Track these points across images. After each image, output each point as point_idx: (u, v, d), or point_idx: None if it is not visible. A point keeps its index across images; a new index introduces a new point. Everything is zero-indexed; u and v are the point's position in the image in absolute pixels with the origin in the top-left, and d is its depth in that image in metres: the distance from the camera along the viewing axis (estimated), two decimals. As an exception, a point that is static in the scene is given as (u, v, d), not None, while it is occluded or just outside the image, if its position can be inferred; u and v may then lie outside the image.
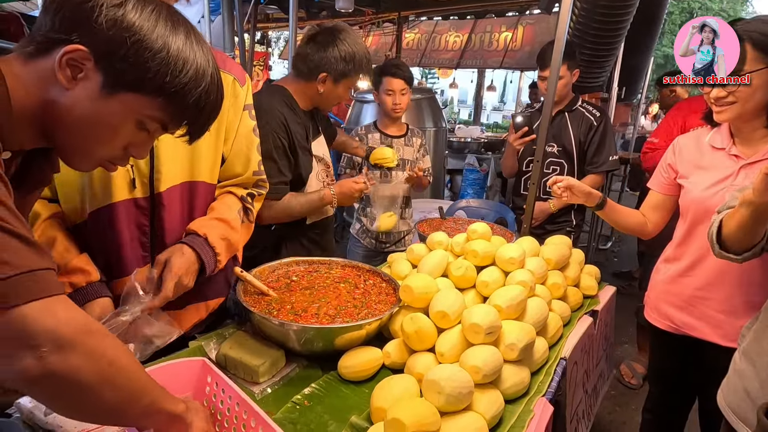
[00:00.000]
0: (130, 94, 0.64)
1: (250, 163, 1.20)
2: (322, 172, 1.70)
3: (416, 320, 1.07)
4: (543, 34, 6.67)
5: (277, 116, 1.50)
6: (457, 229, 2.02)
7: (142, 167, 1.01)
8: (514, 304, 1.13)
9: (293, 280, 1.31)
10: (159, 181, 1.03)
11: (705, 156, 1.38)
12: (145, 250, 1.06)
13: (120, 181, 0.99)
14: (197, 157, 1.08)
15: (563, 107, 2.29)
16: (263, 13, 6.48)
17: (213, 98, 0.71)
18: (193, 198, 1.10)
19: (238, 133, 1.15)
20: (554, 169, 2.31)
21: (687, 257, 1.41)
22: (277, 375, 1.04)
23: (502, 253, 1.34)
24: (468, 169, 5.30)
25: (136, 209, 1.03)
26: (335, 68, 1.51)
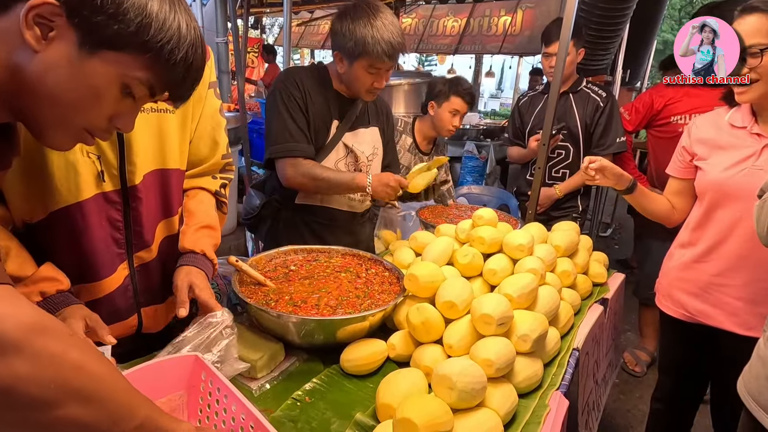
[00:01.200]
0: (112, 52, 0.57)
1: (218, 147, 1.10)
2: (347, 164, 1.59)
3: (423, 311, 1.01)
4: (543, 17, 6.52)
5: (294, 81, 1.45)
6: (460, 216, 1.96)
7: (110, 158, 0.89)
8: (526, 293, 1.08)
9: (291, 269, 1.25)
10: (133, 173, 0.92)
11: (724, 135, 1.31)
12: (120, 247, 0.95)
13: (86, 175, 0.87)
14: (168, 143, 0.98)
15: (567, 88, 2.20)
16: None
17: (200, 53, 0.64)
18: (167, 186, 1.01)
19: (203, 113, 1.05)
20: (559, 153, 2.24)
21: (704, 242, 1.35)
22: (276, 369, 0.98)
23: (509, 239, 1.28)
24: (467, 157, 5.23)
25: (107, 204, 0.91)
26: (344, 47, 1.39)
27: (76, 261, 0.91)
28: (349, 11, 1.39)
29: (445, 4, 7.42)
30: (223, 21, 5.04)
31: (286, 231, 1.61)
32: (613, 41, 3.09)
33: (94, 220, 0.91)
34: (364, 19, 1.34)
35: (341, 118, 1.54)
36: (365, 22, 1.34)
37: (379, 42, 1.33)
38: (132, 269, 0.99)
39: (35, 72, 0.56)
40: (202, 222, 1.06)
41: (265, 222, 1.68)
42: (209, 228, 1.07)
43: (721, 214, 1.30)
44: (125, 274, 0.98)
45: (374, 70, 1.40)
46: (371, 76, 1.41)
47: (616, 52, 3.29)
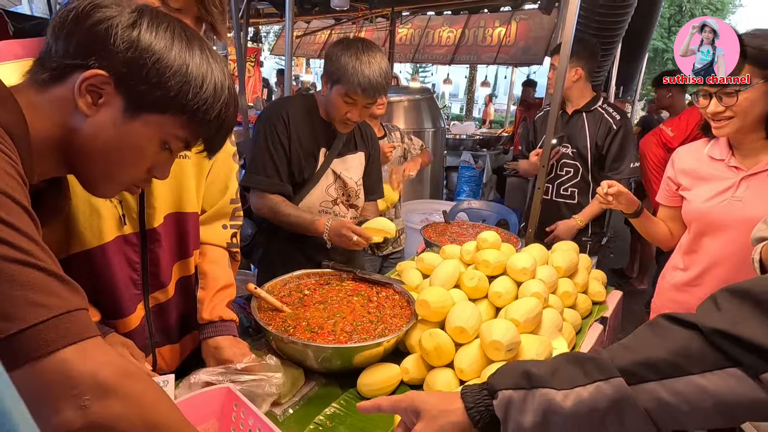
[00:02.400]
0: (154, 115, 0.63)
1: (228, 191, 1.14)
2: (337, 189, 1.64)
3: (435, 336, 1.07)
4: (537, 29, 6.66)
5: (278, 113, 1.52)
6: (462, 234, 2.02)
7: (131, 202, 0.94)
8: (531, 317, 1.14)
9: (306, 294, 1.30)
10: (152, 216, 0.96)
11: (704, 167, 1.39)
12: (137, 288, 0.99)
13: (109, 218, 0.91)
14: (184, 188, 1.02)
15: (581, 107, 2.19)
16: (254, 9, 6.38)
17: (232, 111, 0.70)
18: (184, 229, 1.04)
19: (217, 158, 1.08)
20: (567, 171, 2.24)
21: (695, 267, 1.43)
22: (297, 394, 1.03)
23: (513, 263, 1.34)
24: (463, 167, 5.32)
25: (127, 246, 0.95)
26: (329, 71, 1.48)
27: (96, 301, 0.94)
28: (344, 41, 1.48)
29: (441, 15, 7.53)
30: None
31: (281, 257, 1.63)
32: (606, 59, 3.18)
33: (115, 261, 0.93)
34: (353, 50, 1.43)
35: (328, 145, 1.60)
36: (352, 53, 1.42)
37: (358, 73, 1.40)
38: (147, 310, 1.01)
39: (87, 134, 0.61)
40: (217, 285, 1.09)
41: (258, 249, 1.72)
42: (224, 289, 1.10)
43: (708, 241, 1.37)
44: (142, 314, 1.00)
45: (349, 99, 1.45)
46: (346, 105, 1.47)
47: (609, 68, 3.39)
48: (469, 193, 5.22)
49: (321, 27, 7.67)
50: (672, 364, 0.50)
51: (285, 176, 1.55)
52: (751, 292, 0.50)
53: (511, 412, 0.54)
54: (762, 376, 0.47)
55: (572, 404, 0.52)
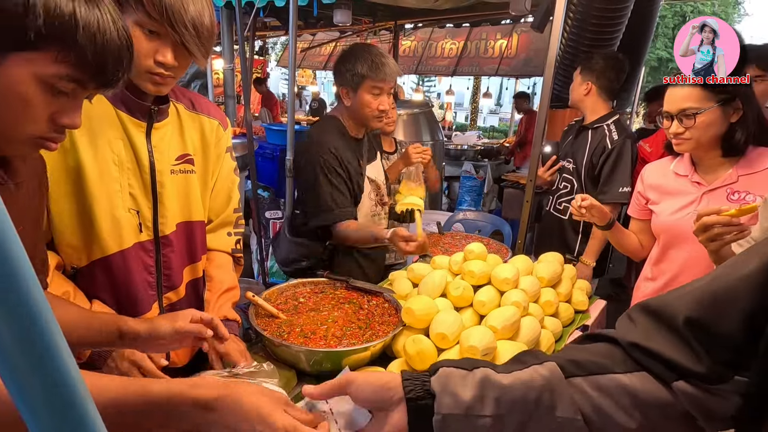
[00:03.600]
0: (20, 54, 0.57)
1: (231, 201, 1.26)
2: (373, 192, 1.82)
3: (418, 342, 1.15)
4: (538, 41, 6.77)
5: (327, 147, 1.64)
6: (455, 245, 2.10)
7: (145, 212, 1.06)
8: (509, 324, 1.21)
9: (300, 301, 1.39)
10: (164, 225, 1.08)
11: (670, 183, 1.49)
12: (152, 290, 1.11)
13: (128, 227, 1.03)
14: (192, 199, 1.15)
15: (588, 123, 2.18)
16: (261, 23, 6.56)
17: (111, 37, 0.62)
18: (192, 236, 1.17)
19: (221, 173, 1.22)
20: (565, 186, 2.28)
21: (663, 277, 1.52)
22: (290, 395, 1.11)
23: (497, 273, 1.42)
24: (465, 177, 5.40)
25: (143, 252, 1.07)
26: (345, 78, 1.64)
27: (116, 301, 1.07)
28: (347, 52, 1.66)
29: (443, 28, 7.67)
30: (230, 48, 5.27)
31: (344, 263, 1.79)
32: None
33: (133, 265, 1.06)
34: (360, 53, 1.62)
35: (362, 157, 1.76)
36: (362, 55, 1.61)
37: (378, 66, 1.59)
38: (161, 309, 1.14)
39: None
40: (222, 287, 1.22)
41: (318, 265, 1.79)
42: (229, 290, 1.22)
43: (675, 252, 1.46)
44: (156, 313, 1.12)
45: (377, 90, 1.62)
46: (376, 98, 1.63)
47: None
48: (470, 203, 5.30)
49: (326, 40, 7.84)
50: (596, 363, 0.56)
51: (352, 200, 1.71)
52: (658, 312, 0.56)
53: (449, 385, 0.56)
54: (673, 385, 0.53)
55: (510, 381, 0.56)
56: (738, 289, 0.49)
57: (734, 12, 17.60)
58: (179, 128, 1.12)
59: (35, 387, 0.21)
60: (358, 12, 5.41)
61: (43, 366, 0.21)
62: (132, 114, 1.02)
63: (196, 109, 1.17)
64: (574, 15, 2.95)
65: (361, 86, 1.62)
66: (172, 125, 1.10)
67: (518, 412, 0.55)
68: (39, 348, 0.21)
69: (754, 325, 0.48)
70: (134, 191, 1.04)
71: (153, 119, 1.05)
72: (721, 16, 16.47)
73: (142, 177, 1.04)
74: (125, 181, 1.02)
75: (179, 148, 1.11)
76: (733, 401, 0.51)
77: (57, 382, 0.22)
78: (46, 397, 0.22)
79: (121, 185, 1.01)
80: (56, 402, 0.22)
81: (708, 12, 16.11)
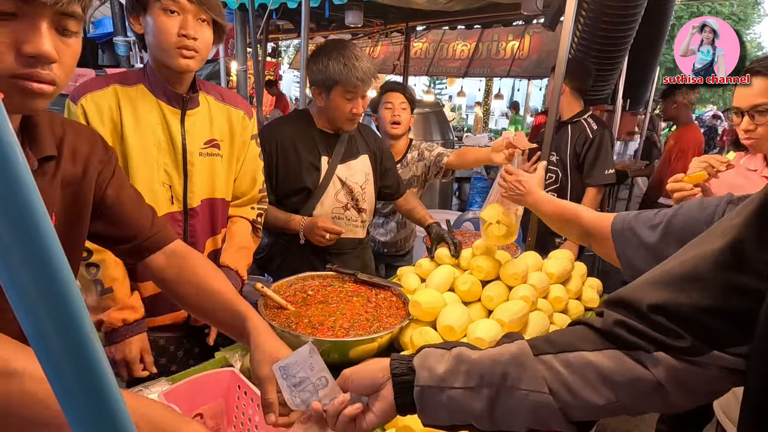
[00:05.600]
0: None
1: (256, 183, 1.41)
2: (345, 195, 1.74)
3: (424, 334, 1.16)
4: (550, 42, 6.73)
5: (274, 134, 1.63)
6: (464, 243, 2.09)
7: (177, 186, 1.22)
8: (517, 318, 1.21)
9: (309, 294, 1.40)
10: (192, 199, 1.25)
11: (739, 176, 1.46)
12: None
13: (162, 199, 1.20)
14: (217, 178, 1.30)
15: (567, 119, 2.41)
16: (273, 25, 6.65)
17: None
18: (215, 211, 1.32)
19: (246, 158, 1.37)
20: (550, 176, 2.44)
21: None
22: (297, 384, 1.12)
23: (506, 268, 1.42)
24: (476, 177, 5.38)
25: (173, 222, 1.22)
26: (317, 79, 1.58)
27: None
28: (320, 50, 1.59)
29: (455, 29, 7.67)
30: (243, 50, 5.35)
31: (300, 265, 1.67)
32: (612, 72, 3.24)
33: None
34: (335, 54, 1.54)
35: (330, 153, 1.70)
36: (336, 57, 1.53)
37: (351, 71, 1.52)
38: None
39: None
40: (240, 244, 1.37)
41: (274, 260, 1.82)
42: (245, 249, 1.37)
43: None
44: None
45: (350, 95, 1.57)
46: (349, 102, 1.58)
47: (616, 81, 3.44)
48: (481, 204, 5.27)
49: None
50: (567, 342, 0.58)
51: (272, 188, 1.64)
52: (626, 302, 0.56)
53: (428, 361, 0.62)
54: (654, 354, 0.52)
55: (478, 356, 0.60)
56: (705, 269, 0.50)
57: (754, 12, 17.26)
58: (209, 117, 1.27)
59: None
60: (370, 14, 5.45)
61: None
62: (169, 102, 1.19)
63: (225, 101, 1.32)
64: (586, 14, 2.94)
65: (333, 90, 1.56)
66: (203, 113, 1.26)
67: (486, 385, 0.58)
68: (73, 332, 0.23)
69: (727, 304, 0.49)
70: (168, 168, 1.20)
71: (186, 106, 1.21)
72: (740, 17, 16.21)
73: (176, 156, 1.21)
74: (161, 159, 1.19)
75: (208, 133, 1.26)
76: (713, 373, 0.51)
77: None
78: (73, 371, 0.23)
79: (158, 163, 1.19)
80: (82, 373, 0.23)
81: (726, 12, 15.84)
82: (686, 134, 3.28)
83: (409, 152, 2.25)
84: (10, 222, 0.20)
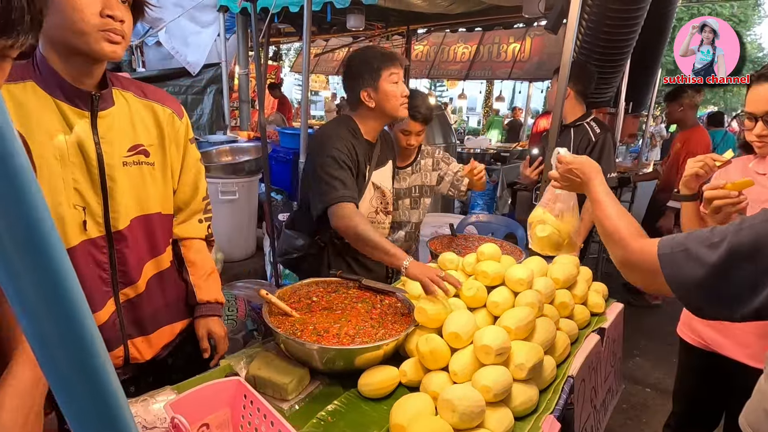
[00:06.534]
0: None
1: (198, 191, 1.26)
2: (377, 199, 1.80)
3: (431, 341, 1.15)
4: (551, 45, 6.73)
5: (342, 140, 1.62)
6: (468, 247, 2.09)
7: (95, 207, 1.01)
8: (523, 325, 1.20)
9: (314, 300, 1.40)
10: (117, 220, 1.05)
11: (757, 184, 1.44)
12: (107, 286, 1.07)
13: (72, 225, 0.98)
14: (150, 191, 1.11)
15: (569, 123, 2.39)
16: (275, 29, 6.66)
17: None
18: (152, 229, 1.14)
19: (185, 164, 1.20)
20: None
21: None
22: (303, 392, 1.12)
23: (511, 274, 1.41)
24: (478, 180, 5.37)
25: (94, 248, 1.03)
26: (363, 79, 1.61)
27: None
28: (354, 58, 1.66)
29: (456, 32, 7.68)
30: (245, 54, 5.35)
31: (335, 264, 1.72)
32: (615, 75, 3.23)
33: (82, 263, 1.01)
34: (367, 52, 1.65)
35: (371, 161, 1.74)
36: (368, 53, 1.64)
37: (386, 54, 1.62)
38: (118, 305, 1.09)
39: None
40: (206, 270, 1.28)
41: (306, 259, 1.80)
42: (212, 274, 1.30)
43: None
44: (112, 309, 1.08)
45: (395, 76, 1.62)
46: (396, 86, 1.62)
47: (618, 84, 3.43)
48: (483, 207, 5.27)
49: (339, 45, 7.91)
50: None
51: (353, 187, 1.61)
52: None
53: None
54: None
55: None
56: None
57: (754, 14, 17.25)
58: (129, 117, 1.06)
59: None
60: (371, 17, 5.45)
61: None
62: (72, 102, 0.96)
63: (148, 97, 1.12)
64: (589, 17, 2.93)
65: (380, 79, 1.61)
66: (121, 114, 1.05)
67: None
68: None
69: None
70: (80, 186, 0.98)
71: (96, 107, 0.99)
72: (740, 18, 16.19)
73: (90, 171, 0.99)
74: (69, 176, 0.96)
75: (130, 138, 1.06)
76: None
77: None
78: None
79: (64, 180, 0.96)
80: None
81: (726, 14, 15.83)
82: (694, 136, 3.28)
83: (421, 158, 2.23)
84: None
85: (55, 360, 0.22)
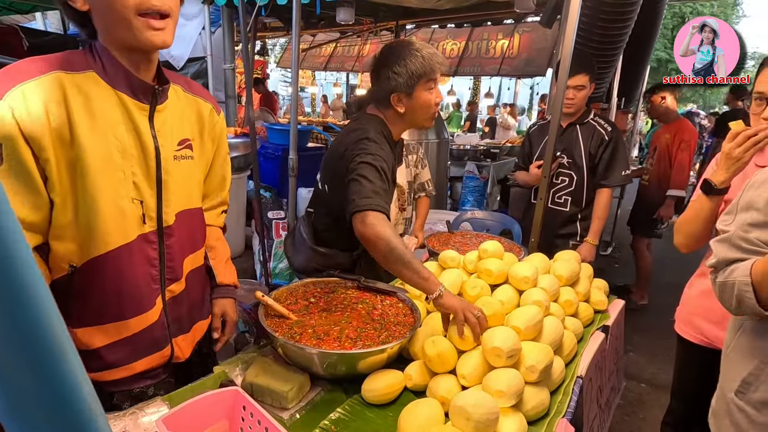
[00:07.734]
0: None
1: (225, 183, 1.28)
2: (397, 197, 1.80)
3: (437, 343, 1.10)
4: (540, 41, 6.74)
5: (382, 145, 1.47)
6: (466, 243, 2.05)
7: (149, 201, 0.99)
8: (532, 324, 1.16)
9: (311, 301, 1.33)
10: (168, 214, 1.03)
11: (749, 173, 1.40)
12: (156, 283, 1.04)
13: (132, 219, 0.96)
14: (193, 185, 1.11)
15: (575, 120, 2.30)
16: (261, 23, 6.52)
17: None
18: (193, 223, 1.12)
19: (217, 157, 1.21)
20: (563, 180, 2.33)
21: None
22: (304, 399, 1.05)
23: (515, 272, 1.37)
24: (468, 177, 5.34)
25: (146, 244, 1.00)
26: (399, 83, 1.44)
27: (118, 299, 0.99)
28: (388, 56, 1.46)
29: (445, 28, 7.64)
30: (231, 47, 5.22)
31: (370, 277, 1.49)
32: (608, 71, 3.23)
33: (137, 259, 1.00)
34: (407, 51, 1.43)
35: (396, 162, 1.63)
36: (408, 54, 1.42)
37: (429, 59, 1.42)
38: (164, 302, 1.07)
39: None
40: (225, 256, 1.30)
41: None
42: (229, 260, 1.32)
43: None
44: (161, 307, 1.06)
45: (432, 84, 1.48)
46: (430, 93, 1.48)
47: (611, 80, 3.43)
48: (473, 203, 5.24)
49: (326, 40, 7.80)
50: None
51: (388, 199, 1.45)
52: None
53: None
54: None
55: None
56: None
57: (733, 13, 17.63)
58: (179, 111, 1.06)
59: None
60: (360, 12, 5.37)
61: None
62: (135, 96, 0.94)
63: (192, 92, 1.11)
64: (583, 12, 2.91)
65: (417, 87, 1.45)
66: (173, 108, 1.04)
67: None
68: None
69: None
70: (138, 179, 0.96)
71: (156, 101, 0.98)
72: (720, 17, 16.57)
73: (147, 164, 0.97)
74: (129, 169, 0.94)
75: (180, 132, 1.05)
76: None
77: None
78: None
79: (124, 173, 0.94)
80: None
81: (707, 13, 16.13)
82: (683, 126, 3.30)
83: (407, 152, 2.14)
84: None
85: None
